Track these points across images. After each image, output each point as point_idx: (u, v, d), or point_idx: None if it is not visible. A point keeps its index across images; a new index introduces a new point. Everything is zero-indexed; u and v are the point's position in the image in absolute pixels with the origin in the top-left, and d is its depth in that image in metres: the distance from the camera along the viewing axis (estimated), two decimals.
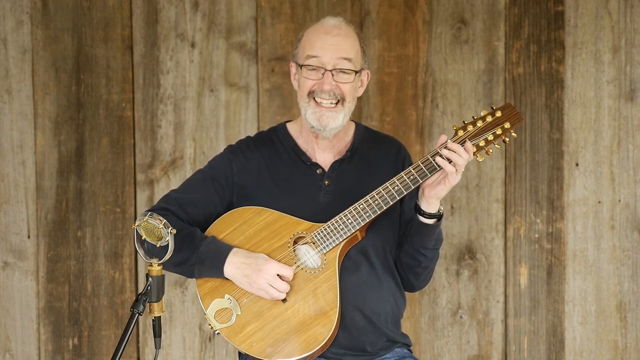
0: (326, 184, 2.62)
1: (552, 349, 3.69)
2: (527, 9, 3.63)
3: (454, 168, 2.48)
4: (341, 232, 2.52)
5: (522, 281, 3.68)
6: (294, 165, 2.66)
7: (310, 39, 2.61)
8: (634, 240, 3.64)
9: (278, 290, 2.49)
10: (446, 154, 2.48)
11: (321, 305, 2.50)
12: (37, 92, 3.74)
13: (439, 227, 2.60)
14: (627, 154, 3.63)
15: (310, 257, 2.53)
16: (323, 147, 2.66)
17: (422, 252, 2.62)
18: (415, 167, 2.52)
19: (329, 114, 2.57)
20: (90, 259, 3.75)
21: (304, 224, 2.54)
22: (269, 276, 2.48)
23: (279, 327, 2.50)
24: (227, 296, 2.52)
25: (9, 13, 3.72)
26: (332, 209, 2.56)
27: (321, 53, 2.57)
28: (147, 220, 2.31)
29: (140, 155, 3.74)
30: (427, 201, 2.54)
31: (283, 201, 2.58)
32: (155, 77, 3.72)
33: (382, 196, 2.51)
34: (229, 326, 2.51)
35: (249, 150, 2.69)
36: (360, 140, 2.71)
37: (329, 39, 2.58)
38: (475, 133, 2.51)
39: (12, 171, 3.76)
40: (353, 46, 2.60)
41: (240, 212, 2.59)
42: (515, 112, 2.55)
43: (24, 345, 3.79)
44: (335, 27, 2.61)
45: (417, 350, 3.69)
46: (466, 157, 2.48)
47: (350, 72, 2.58)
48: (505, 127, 2.53)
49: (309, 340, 2.48)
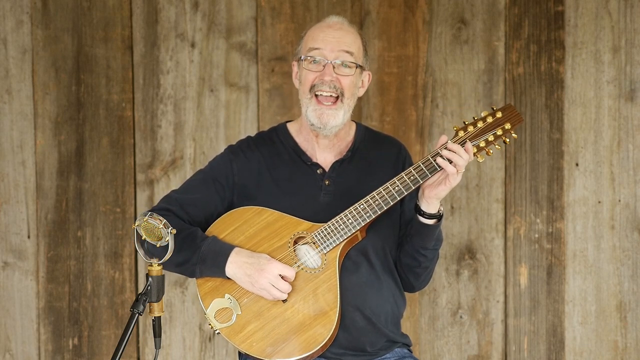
0: (326, 184, 2.62)
1: (552, 349, 3.69)
2: (527, 9, 3.63)
3: (454, 168, 2.48)
4: (341, 232, 2.52)
5: (522, 281, 3.68)
6: (295, 165, 2.65)
7: (313, 33, 2.62)
8: (634, 240, 3.64)
9: (280, 290, 2.49)
10: (446, 154, 2.48)
11: (321, 305, 2.50)
12: (37, 92, 3.73)
13: (439, 227, 2.60)
14: (627, 154, 3.63)
15: (310, 257, 2.53)
16: (324, 147, 2.66)
17: (422, 252, 2.62)
18: (415, 168, 2.52)
19: (329, 112, 2.57)
20: (90, 259, 3.75)
21: (304, 224, 2.54)
22: (272, 276, 2.48)
23: (279, 327, 2.50)
24: (228, 296, 2.52)
25: (9, 13, 3.72)
26: (333, 208, 2.56)
27: (323, 45, 2.57)
28: (147, 220, 2.31)
29: (140, 155, 3.73)
30: (427, 201, 2.54)
31: (283, 201, 2.58)
32: (155, 77, 3.72)
33: (382, 196, 2.51)
34: (229, 326, 2.51)
35: (250, 150, 2.68)
36: (361, 141, 2.71)
37: (331, 32, 2.59)
38: (476, 134, 2.51)
39: (12, 171, 3.76)
40: (355, 41, 2.61)
41: (240, 212, 2.59)
42: (516, 113, 2.55)
43: (24, 345, 3.79)
44: (338, 22, 2.63)
45: (417, 350, 3.69)
46: (466, 157, 2.48)
47: (351, 65, 2.58)
48: (505, 127, 2.53)
49: (309, 341, 2.48)
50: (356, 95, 2.65)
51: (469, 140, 2.50)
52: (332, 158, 2.67)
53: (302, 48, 2.64)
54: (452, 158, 2.48)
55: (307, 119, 2.60)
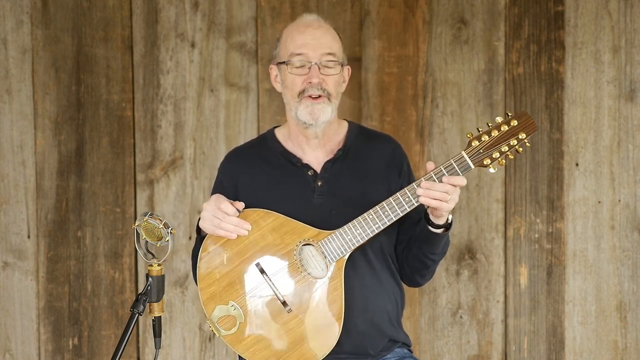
0: (319, 185, 2.59)
1: (552, 349, 3.69)
2: (527, 9, 3.63)
3: (438, 202, 2.41)
4: (349, 244, 2.47)
5: (522, 281, 3.68)
6: (285, 169, 2.63)
7: (292, 35, 2.60)
8: (634, 240, 3.64)
9: (222, 220, 2.47)
10: (421, 193, 2.40)
11: (326, 316, 2.48)
12: (37, 92, 3.73)
13: (448, 234, 2.56)
14: (627, 154, 3.63)
15: (314, 262, 2.50)
16: (314, 147, 2.63)
17: (431, 257, 2.59)
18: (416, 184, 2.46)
19: (319, 107, 2.55)
20: (90, 259, 3.75)
21: (311, 230, 2.50)
22: (210, 207, 2.48)
23: (283, 336, 2.48)
24: (232, 303, 2.50)
25: (9, 13, 3.72)
26: (327, 209, 2.54)
27: (305, 48, 2.56)
28: (147, 220, 2.31)
29: (140, 155, 3.73)
30: (435, 215, 2.49)
31: (277, 207, 2.54)
32: (155, 77, 3.72)
33: (392, 206, 2.46)
34: (233, 334, 2.50)
35: (238, 163, 2.68)
36: (353, 139, 2.67)
37: (311, 32, 2.58)
38: (491, 144, 2.43)
39: (12, 171, 3.76)
40: (334, 39, 2.61)
41: (245, 215, 2.56)
42: (531, 122, 2.47)
43: (24, 345, 3.79)
44: (315, 21, 2.62)
45: (417, 350, 3.69)
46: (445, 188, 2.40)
47: (335, 64, 2.57)
48: (520, 137, 2.44)
49: (313, 351, 2.47)
50: (340, 92, 2.64)
51: (484, 150, 2.42)
52: (323, 158, 2.64)
53: (280, 52, 2.62)
54: (429, 195, 2.40)
55: (298, 118, 2.57)
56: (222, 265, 2.53)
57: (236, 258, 2.53)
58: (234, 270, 2.53)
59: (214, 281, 2.53)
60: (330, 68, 2.56)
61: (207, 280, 2.54)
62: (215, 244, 2.54)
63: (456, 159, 2.44)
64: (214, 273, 2.53)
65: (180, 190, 3.71)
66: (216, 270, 2.53)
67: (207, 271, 2.54)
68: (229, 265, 2.53)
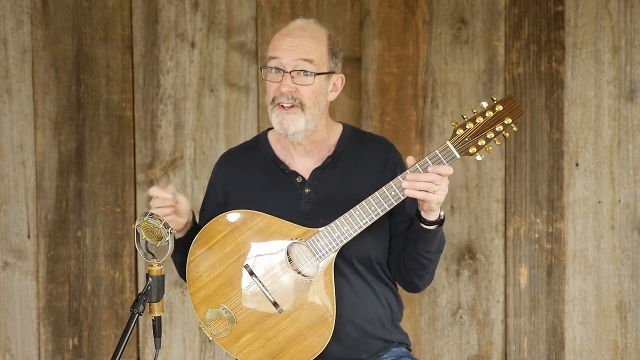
0: (307, 192, 2.55)
1: (552, 349, 3.69)
2: (527, 9, 3.63)
3: (424, 194, 2.38)
4: (337, 240, 2.45)
5: (522, 281, 3.68)
6: (275, 175, 2.59)
7: (274, 40, 2.55)
8: (634, 240, 3.64)
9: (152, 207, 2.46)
10: (406, 185, 2.37)
11: (319, 314, 2.47)
12: (37, 92, 3.74)
13: (441, 231, 2.53)
14: (627, 154, 3.63)
15: (303, 259, 2.49)
16: (301, 153, 2.59)
17: (426, 256, 2.55)
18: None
19: (288, 117, 2.48)
20: (90, 259, 3.75)
21: (298, 229, 2.47)
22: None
23: (276, 337, 2.47)
24: (223, 306, 2.49)
25: (9, 13, 3.72)
26: (314, 217, 2.49)
27: (280, 54, 2.49)
28: (147, 220, 2.31)
29: (140, 155, 3.74)
30: (425, 211, 2.46)
31: (264, 212, 2.50)
32: (155, 77, 3.72)
33: (378, 201, 2.43)
34: (226, 337, 2.50)
35: (230, 166, 2.67)
36: (345, 144, 2.62)
37: (289, 41, 2.50)
38: (476, 131, 2.40)
39: (12, 171, 3.76)
40: (316, 48, 2.51)
41: (231, 216, 2.54)
42: (517, 105, 2.42)
43: (24, 345, 3.79)
44: (299, 28, 2.53)
45: (417, 350, 3.69)
46: (430, 178, 2.37)
47: (310, 74, 2.48)
48: (506, 122, 2.41)
49: (306, 350, 2.47)
50: (323, 102, 2.55)
51: (470, 138, 2.40)
52: (312, 164, 2.59)
53: (267, 56, 2.58)
54: (414, 187, 2.36)
55: (273, 125, 2.54)
56: (210, 269, 2.51)
57: (225, 260, 2.51)
58: (223, 273, 2.51)
59: (204, 285, 2.51)
60: (306, 77, 2.48)
61: (197, 285, 2.52)
62: (203, 247, 2.52)
63: (441, 149, 2.40)
64: (202, 277, 2.52)
65: (181, 190, 3.71)
66: (205, 274, 2.52)
67: (196, 275, 2.52)
68: (217, 268, 2.51)
